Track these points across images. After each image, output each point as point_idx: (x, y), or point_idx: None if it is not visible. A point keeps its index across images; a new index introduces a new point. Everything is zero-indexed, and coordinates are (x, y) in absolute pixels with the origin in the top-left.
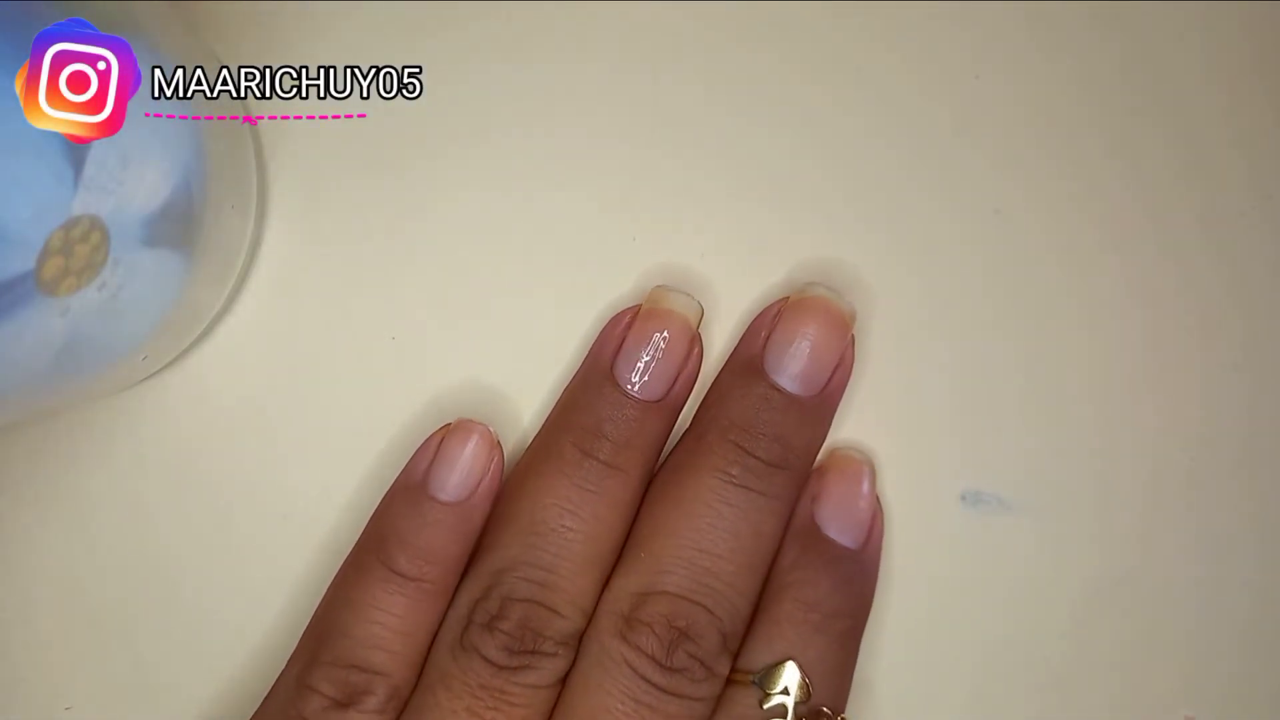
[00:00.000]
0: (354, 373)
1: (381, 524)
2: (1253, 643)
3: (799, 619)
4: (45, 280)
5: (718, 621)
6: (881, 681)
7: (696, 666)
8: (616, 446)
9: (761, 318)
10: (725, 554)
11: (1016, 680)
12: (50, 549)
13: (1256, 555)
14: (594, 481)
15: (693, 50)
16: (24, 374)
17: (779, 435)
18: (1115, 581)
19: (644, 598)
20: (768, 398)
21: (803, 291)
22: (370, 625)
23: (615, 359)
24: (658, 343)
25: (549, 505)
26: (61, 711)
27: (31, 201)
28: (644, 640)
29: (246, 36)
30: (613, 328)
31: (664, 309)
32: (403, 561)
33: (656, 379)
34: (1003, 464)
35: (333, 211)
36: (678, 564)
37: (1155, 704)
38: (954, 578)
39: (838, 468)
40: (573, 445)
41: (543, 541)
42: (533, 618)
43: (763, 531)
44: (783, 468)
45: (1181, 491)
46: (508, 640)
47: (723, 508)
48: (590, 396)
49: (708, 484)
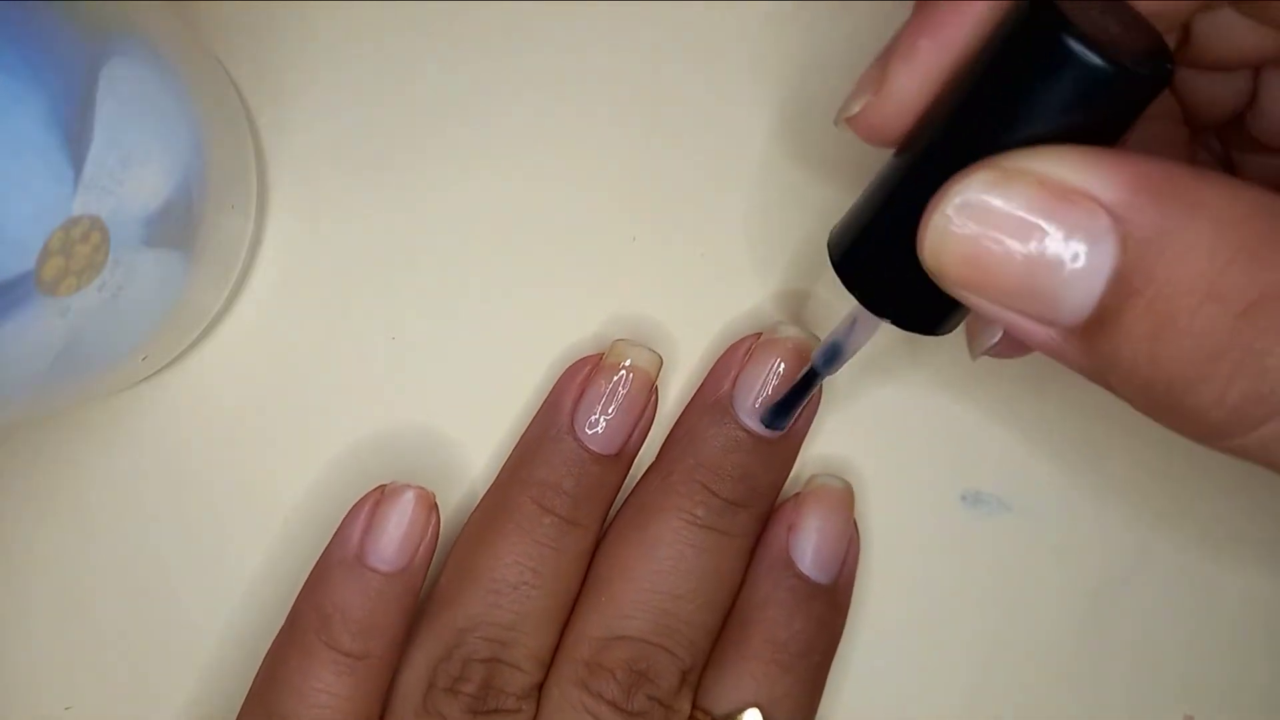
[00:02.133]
0: (353, 373)
1: (319, 599)
2: (1251, 643)
3: (768, 658)
4: (45, 280)
5: (678, 661)
6: (881, 681)
7: (656, 708)
8: (575, 502)
9: (730, 355)
10: (686, 594)
11: (1016, 680)
12: (50, 549)
13: (1256, 555)
14: (553, 538)
15: (694, 50)
16: (24, 374)
17: (745, 475)
18: (1115, 581)
19: (605, 643)
20: (736, 439)
21: (773, 330)
22: (318, 710)
23: (574, 412)
24: (618, 396)
25: (509, 564)
26: (61, 711)
27: (31, 201)
28: (604, 686)
29: (246, 36)
30: (570, 379)
31: (624, 362)
32: (347, 640)
33: (615, 432)
34: (1003, 464)
35: (333, 211)
36: (638, 608)
37: (1154, 703)
38: (954, 578)
39: (816, 497)
40: (531, 500)
41: (503, 600)
42: (495, 677)
43: (724, 570)
44: (747, 506)
45: (1181, 491)
46: (471, 702)
47: (685, 549)
48: (548, 450)
49: (671, 525)
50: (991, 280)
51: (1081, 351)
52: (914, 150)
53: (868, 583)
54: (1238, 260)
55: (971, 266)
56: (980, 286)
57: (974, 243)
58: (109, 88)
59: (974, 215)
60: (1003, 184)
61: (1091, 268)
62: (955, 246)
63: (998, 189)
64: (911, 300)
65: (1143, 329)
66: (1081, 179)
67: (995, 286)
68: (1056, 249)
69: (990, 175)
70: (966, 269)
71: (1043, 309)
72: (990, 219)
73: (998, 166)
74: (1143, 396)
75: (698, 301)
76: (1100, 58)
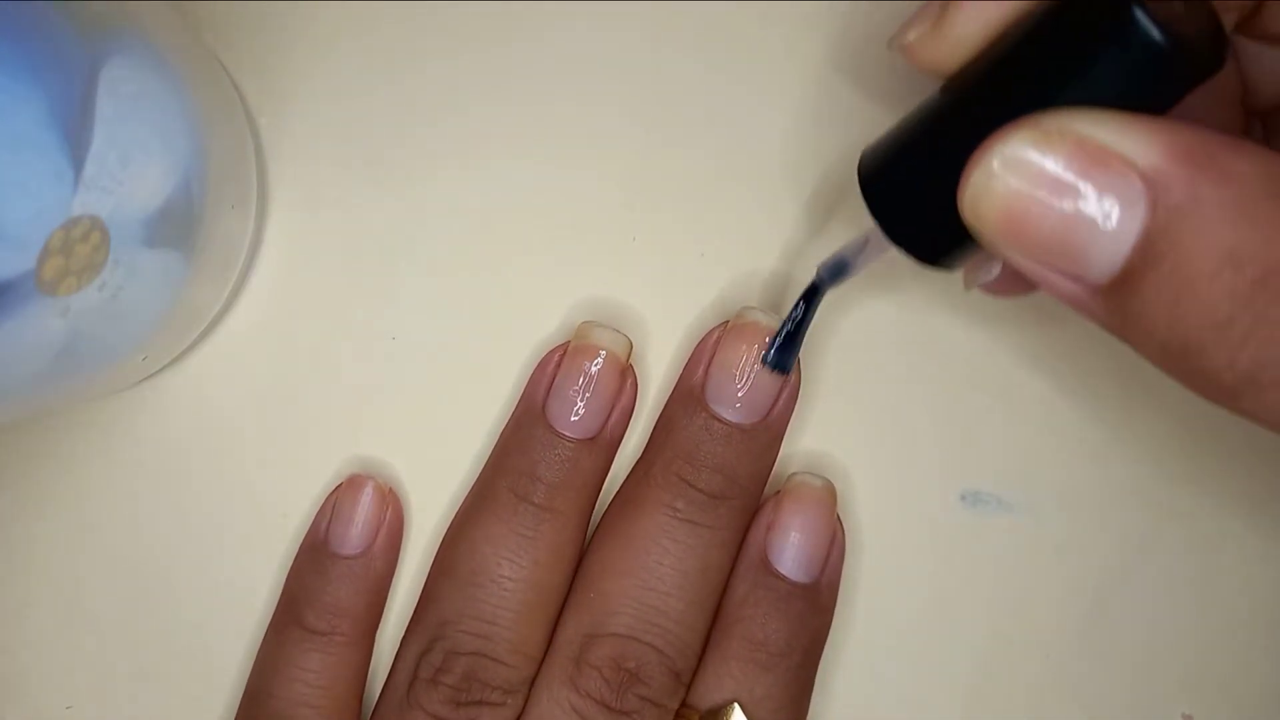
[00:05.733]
0: (353, 372)
1: (291, 585)
2: (1250, 642)
3: (746, 657)
4: (45, 280)
5: (668, 660)
6: (881, 681)
7: (647, 707)
8: (551, 489)
9: (702, 345)
10: (673, 590)
11: (1016, 679)
12: (50, 549)
13: (1255, 555)
14: (530, 526)
15: (698, 48)
16: (24, 374)
17: (721, 465)
18: (1115, 581)
19: (592, 639)
20: (708, 427)
21: (740, 316)
22: (293, 684)
23: (546, 398)
24: (589, 379)
25: (487, 554)
26: (62, 711)
27: (31, 201)
28: (593, 685)
29: (246, 36)
30: (543, 368)
31: (590, 344)
32: (312, 618)
33: (590, 415)
34: (1003, 464)
35: (333, 211)
36: (625, 604)
37: (1153, 703)
38: (954, 578)
39: (795, 496)
40: (507, 489)
41: (482, 593)
42: (477, 669)
43: (710, 564)
44: (728, 498)
45: (1181, 492)
46: (453, 693)
47: (669, 544)
48: (523, 438)
49: (654, 520)
50: (1027, 235)
51: (1105, 309)
52: (961, 91)
53: (867, 583)
54: (1259, 230)
55: (1009, 221)
56: (1016, 241)
57: (1013, 199)
58: (109, 88)
59: (1015, 172)
60: (1044, 143)
61: (1121, 229)
62: (995, 201)
63: (1038, 148)
64: (927, 232)
65: (1164, 292)
66: (1119, 143)
67: (1030, 241)
68: (1090, 209)
69: (1033, 134)
70: (1004, 223)
71: (1072, 265)
72: (1029, 177)
73: (1040, 126)
74: (1160, 355)
75: (699, 300)
76: (1162, 33)
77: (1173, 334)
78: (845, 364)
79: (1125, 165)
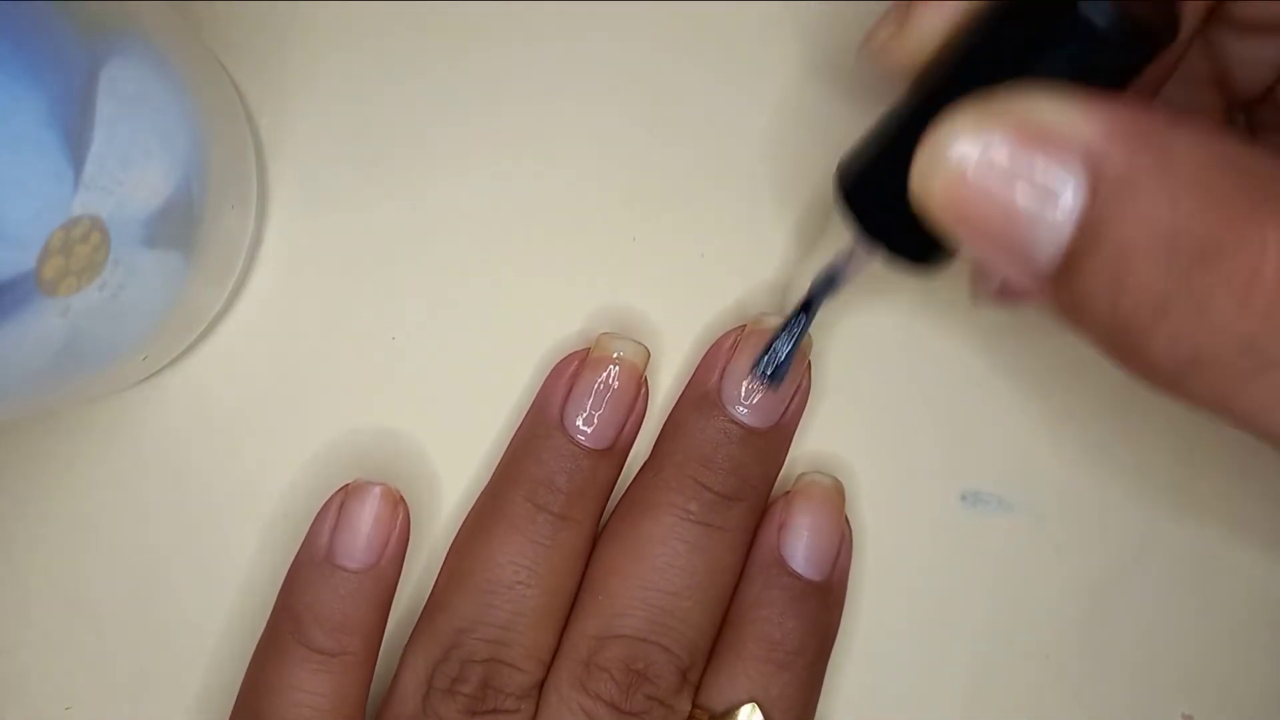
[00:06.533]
0: (353, 373)
1: (293, 599)
2: (1250, 642)
3: (762, 657)
4: (45, 280)
5: (676, 659)
6: (882, 681)
7: (656, 707)
8: (569, 498)
9: (716, 349)
10: (682, 591)
11: (1016, 679)
12: (50, 549)
13: (1255, 555)
14: (547, 535)
15: (700, 47)
16: (24, 374)
17: (736, 468)
18: (1115, 581)
19: (601, 642)
20: (726, 431)
21: (758, 321)
22: (298, 708)
23: (564, 407)
24: (607, 390)
25: (503, 563)
26: (62, 711)
27: (31, 201)
28: (602, 687)
29: (247, 36)
30: (558, 375)
31: (610, 355)
32: (321, 638)
33: (606, 426)
34: (1003, 464)
35: (333, 211)
36: (635, 605)
37: (1153, 703)
38: (954, 578)
39: (806, 495)
40: (524, 498)
41: (499, 600)
42: (493, 677)
43: (721, 565)
44: (740, 500)
45: (1180, 491)
46: (470, 702)
47: (679, 545)
48: (539, 447)
49: (665, 522)
50: (972, 218)
51: (1053, 294)
52: (921, 86)
53: (868, 583)
54: (1196, 213)
55: (955, 203)
56: (963, 224)
57: (956, 183)
58: (109, 88)
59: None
60: (985, 123)
61: (1063, 212)
62: (939, 184)
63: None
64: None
65: (1105, 275)
66: (1058, 121)
67: (975, 225)
68: (1030, 192)
69: (975, 115)
70: (950, 206)
71: (1018, 250)
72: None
73: (982, 108)
74: (1105, 342)
75: (699, 301)
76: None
77: (1115, 317)
78: (846, 365)
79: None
